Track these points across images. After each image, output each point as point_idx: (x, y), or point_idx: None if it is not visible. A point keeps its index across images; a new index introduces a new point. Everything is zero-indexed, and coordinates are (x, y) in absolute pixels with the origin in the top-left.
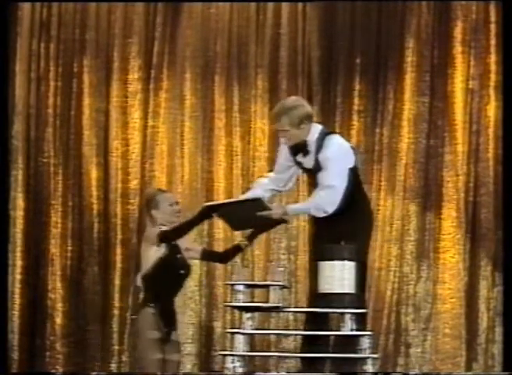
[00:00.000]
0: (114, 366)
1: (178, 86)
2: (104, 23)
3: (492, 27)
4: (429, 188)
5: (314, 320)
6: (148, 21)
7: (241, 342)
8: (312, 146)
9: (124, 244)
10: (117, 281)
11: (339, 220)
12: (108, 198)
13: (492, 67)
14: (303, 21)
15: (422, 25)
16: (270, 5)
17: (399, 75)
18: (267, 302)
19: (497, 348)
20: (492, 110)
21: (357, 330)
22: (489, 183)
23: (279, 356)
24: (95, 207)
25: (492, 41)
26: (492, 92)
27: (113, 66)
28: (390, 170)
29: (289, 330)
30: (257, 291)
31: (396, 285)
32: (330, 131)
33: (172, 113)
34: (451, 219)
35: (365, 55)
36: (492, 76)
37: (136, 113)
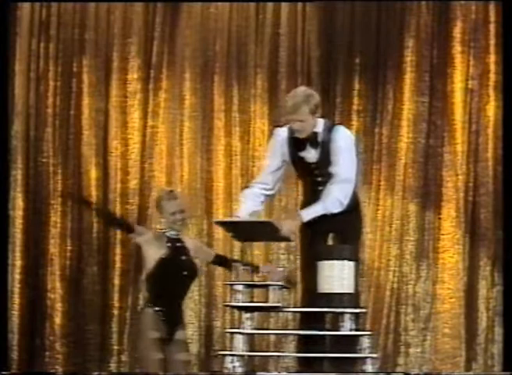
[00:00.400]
0: (113, 366)
1: (177, 86)
2: (104, 23)
3: (492, 27)
4: (429, 188)
5: (310, 320)
6: (148, 21)
7: (241, 342)
8: (320, 138)
9: (123, 244)
10: (116, 281)
11: (341, 218)
12: (107, 198)
13: (492, 67)
14: (302, 21)
15: (422, 25)
16: (269, 4)
17: (398, 75)
18: (266, 302)
19: (497, 348)
20: (491, 110)
21: (356, 329)
22: (489, 183)
23: (279, 356)
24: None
25: (492, 41)
26: (491, 92)
27: (112, 66)
28: (390, 170)
29: (288, 330)
30: (257, 291)
31: (395, 285)
32: (334, 123)
33: (171, 113)
34: (450, 218)
35: (365, 54)
36: (492, 76)
37: (135, 113)
